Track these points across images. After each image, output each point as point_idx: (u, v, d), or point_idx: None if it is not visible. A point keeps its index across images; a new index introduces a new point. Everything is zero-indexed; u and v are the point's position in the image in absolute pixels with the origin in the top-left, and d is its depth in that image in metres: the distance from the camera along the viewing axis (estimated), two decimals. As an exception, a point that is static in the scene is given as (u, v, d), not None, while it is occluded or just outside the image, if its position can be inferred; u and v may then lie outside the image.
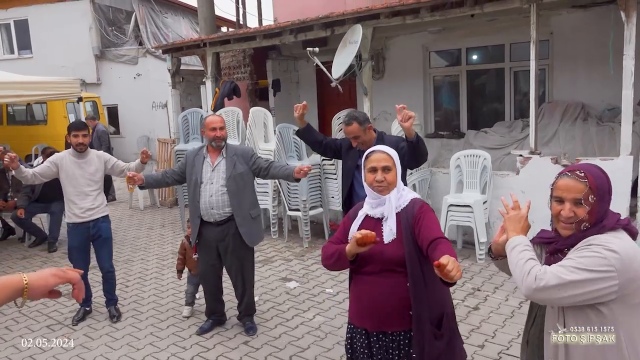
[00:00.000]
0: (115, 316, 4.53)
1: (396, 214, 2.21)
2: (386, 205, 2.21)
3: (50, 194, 6.48)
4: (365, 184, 2.30)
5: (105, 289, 4.62)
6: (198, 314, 4.54)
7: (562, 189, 1.76)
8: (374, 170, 2.24)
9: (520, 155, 5.76)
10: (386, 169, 2.23)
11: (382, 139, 3.64)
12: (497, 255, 1.92)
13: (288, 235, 6.78)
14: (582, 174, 1.72)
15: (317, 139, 4.05)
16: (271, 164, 4.04)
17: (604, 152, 6.06)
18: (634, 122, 5.00)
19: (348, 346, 2.38)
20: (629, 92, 4.90)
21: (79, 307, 4.56)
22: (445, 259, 1.77)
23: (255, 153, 4.12)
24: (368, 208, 2.29)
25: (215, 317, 4.27)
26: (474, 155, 5.99)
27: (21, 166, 4.21)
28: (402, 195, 2.26)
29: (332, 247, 2.34)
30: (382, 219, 2.25)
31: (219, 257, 4.06)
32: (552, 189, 1.81)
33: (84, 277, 4.46)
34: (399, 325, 2.18)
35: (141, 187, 4.14)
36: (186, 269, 4.60)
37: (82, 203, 4.33)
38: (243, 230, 3.94)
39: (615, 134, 6.08)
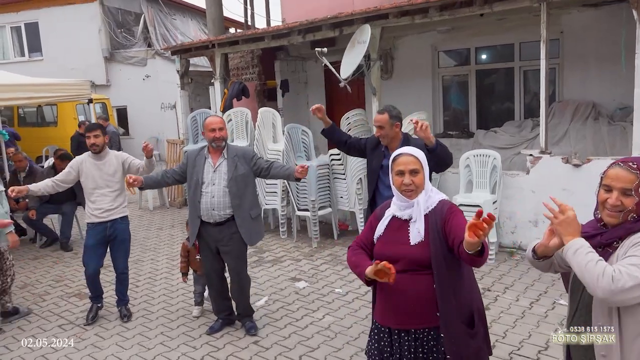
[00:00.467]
0: (126, 316, 4.55)
1: (426, 214, 2.21)
2: (414, 208, 2.22)
3: (61, 195, 6.46)
4: (393, 187, 2.29)
5: (118, 289, 4.64)
6: (208, 314, 4.55)
7: (612, 177, 1.77)
8: (401, 173, 2.23)
9: (531, 155, 5.73)
10: (414, 172, 2.22)
11: (408, 140, 3.61)
12: (542, 256, 1.91)
13: (297, 236, 6.78)
14: (635, 166, 1.73)
15: (341, 139, 4.04)
16: (272, 165, 4.05)
17: (616, 152, 6.00)
18: (645, 121, 4.95)
19: (373, 349, 2.33)
20: (641, 90, 4.86)
21: (91, 304, 4.59)
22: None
23: (256, 154, 4.15)
24: (395, 209, 2.29)
25: (224, 316, 4.29)
26: (483, 155, 5.96)
27: (31, 188, 4.23)
28: (430, 197, 2.26)
29: (356, 256, 2.34)
30: (409, 220, 2.25)
31: (220, 257, 4.10)
32: (602, 177, 1.83)
33: (94, 277, 4.49)
34: (424, 322, 2.18)
35: (141, 189, 4.24)
36: (191, 270, 4.62)
37: (100, 204, 4.36)
38: (243, 230, 3.96)
39: (627, 133, 6.03)
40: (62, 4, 15.93)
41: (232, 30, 16.88)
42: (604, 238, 1.79)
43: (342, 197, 6.60)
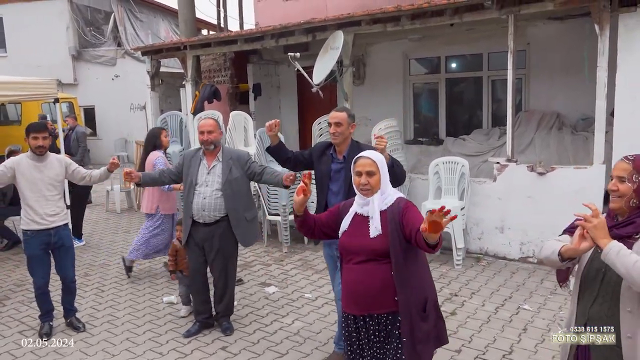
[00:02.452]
0: (78, 327, 4.32)
1: (383, 210, 2.45)
2: (370, 206, 2.46)
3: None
4: (354, 186, 2.52)
5: (66, 300, 4.37)
6: (175, 319, 4.49)
7: (614, 169, 2.07)
8: (359, 174, 2.47)
9: (498, 163, 5.86)
10: (370, 174, 2.45)
11: (358, 146, 3.51)
12: (568, 258, 2.01)
13: (267, 240, 6.76)
14: (631, 158, 2.03)
15: (286, 156, 3.80)
16: (264, 170, 4.09)
17: (578, 161, 6.20)
18: (606, 132, 5.13)
19: (346, 334, 2.56)
20: (602, 102, 5.04)
21: (41, 322, 4.29)
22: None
23: (251, 158, 4.17)
24: (357, 206, 2.53)
25: (202, 318, 4.27)
26: (452, 162, 6.07)
27: None
28: (388, 195, 2.49)
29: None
30: (369, 216, 2.47)
31: (205, 257, 4.11)
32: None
33: (45, 289, 4.24)
34: (383, 307, 2.40)
35: (138, 185, 4.24)
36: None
37: (42, 209, 4.08)
38: (238, 232, 4.04)
39: (588, 143, 6.23)
40: (28, 0, 15.52)
41: (204, 32, 16.75)
42: (624, 231, 1.98)
43: (312, 202, 6.55)
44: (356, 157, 2.54)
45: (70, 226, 4.39)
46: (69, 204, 5.88)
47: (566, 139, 6.72)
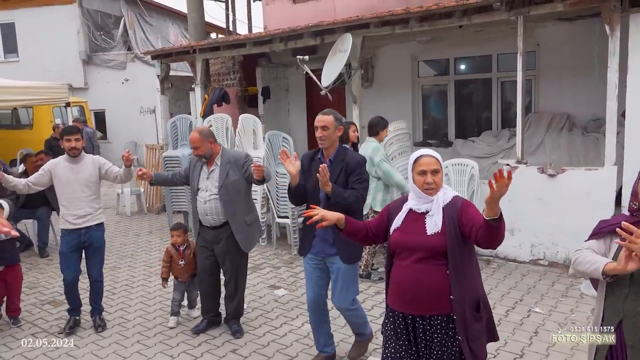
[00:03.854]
0: (100, 326, 4.44)
1: (442, 207, 2.41)
2: (434, 204, 2.42)
3: (35, 200, 6.40)
4: (412, 185, 2.47)
5: (92, 298, 4.52)
6: (185, 322, 4.51)
7: None
8: (424, 173, 2.41)
9: (507, 165, 5.82)
10: (435, 172, 2.41)
11: (345, 151, 3.43)
12: (613, 276, 2.00)
13: (277, 243, 6.77)
14: None
15: (302, 192, 3.45)
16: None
17: (589, 162, 6.15)
18: (617, 133, 5.09)
19: (389, 330, 2.54)
20: (613, 103, 5.00)
21: (69, 316, 4.47)
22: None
23: (249, 159, 4.09)
24: (413, 203, 2.48)
25: (210, 317, 4.32)
26: (461, 164, 6.04)
27: (7, 176, 4.14)
28: (445, 193, 2.46)
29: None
30: (425, 213, 2.44)
31: (215, 259, 4.16)
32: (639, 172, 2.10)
33: (73, 286, 4.40)
34: (437, 309, 2.37)
35: (151, 184, 4.43)
36: (172, 277, 4.57)
37: (74, 210, 4.24)
38: (239, 237, 4.05)
39: (599, 144, 6.19)
40: (40, 4, 15.68)
41: (213, 35, 16.82)
42: None
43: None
44: (416, 155, 2.47)
45: (104, 227, 4.51)
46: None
47: (577, 140, 6.67)
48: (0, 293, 4.42)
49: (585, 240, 2.21)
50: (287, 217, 6.46)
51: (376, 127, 5.17)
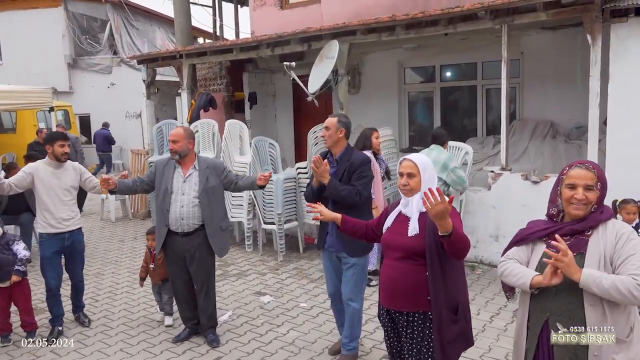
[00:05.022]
0: (84, 322, 4.56)
1: (423, 212, 2.51)
2: (409, 207, 2.60)
3: (16, 206, 6.31)
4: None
5: (74, 296, 4.64)
6: (170, 329, 4.46)
7: (575, 177, 2.12)
8: (401, 175, 2.63)
9: (492, 171, 5.89)
10: (410, 175, 2.59)
11: (351, 151, 3.68)
12: (538, 288, 2.10)
13: (262, 249, 6.75)
14: (591, 166, 2.13)
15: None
16: (238, 177, 4.20)
17: (572, 169, 6.22)
18: (599, 140, 5.17)
19: (382, 326, 2.74)
20: (595, 111, 5.08)
21: (52, 326, 4.40)
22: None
23: (227, 167, 4.20)
24: (401, 206, 2.67)
25: (191, 325, 4.27)
26: (456, 147, 6.09)
27: None
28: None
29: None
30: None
31: (187, 267, 4.09)
32: (562, 178, 2.18)
33: (57, 291, 4.37)
34: (415, 306, 2.51)
35: (112, 192, 4.20)
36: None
37: (58, 213, 4.29)
38: (213, 241, 4.02)
39: (582, 151, 6.27)
40: (24, 7, 15.55)
41: (200, 40, 16.78)
42: (579, 226, 2.11)
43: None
44: (401, 159, 2.68)
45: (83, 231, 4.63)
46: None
47: (560, 148, 6.76)
48: (5, 309, 4.27)
49: (506, 248, 2.35)
50: (273, 223, 6.44)
51: (443, 138, 5.43)
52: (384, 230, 2.70)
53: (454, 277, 2.54)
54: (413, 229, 2.53)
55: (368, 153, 5.17)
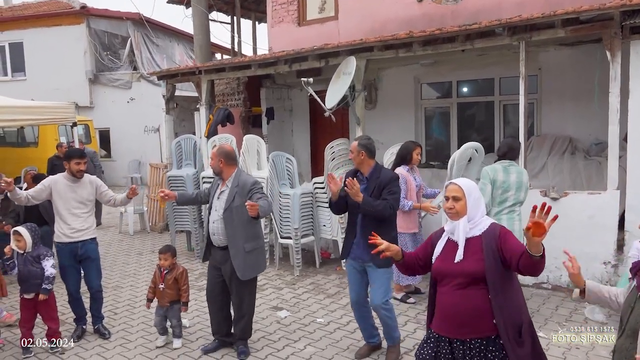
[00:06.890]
0: (104, 334, 4.66)
1: (478, 236, 2.56)
2: (455, 230, 2.61)
3: (36, 219, 6.40)
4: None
5: (93, 307, 4.74)
6: (187, 343, 4.48)
7: None
8: (447, 198, 2.66)
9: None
10: (455, 199, 2.62)
11: (379, 170, 3.94)
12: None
13: (279, 264, 6.76)
14: None
15: (345, 204, 3.93)
16: (259, 200, 3.92)
17: (592, 186, 6.16)
18: (620, 157, 5.12)
19: (426, 355, 2.62)
20: (615, 127, 5.04)
21: (76, 325, 4.69)
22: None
23: (255, 186, 4.03)
24: (448, 232, 2.68)
25: (220, 337, 4.32)
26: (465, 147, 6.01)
27: (16, 188, 4.36)
28: (480, 222, 2.61)
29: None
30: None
31: (223, 278, 4.17)
32: None
33: (77, 294, 4.62)
34: (478, 332, 2.49)
35: (178, 204, 4.56)
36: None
37: (72, 223, 4.51)
38: (236, 262, 4.01)
39: (602, 168, 6.21)
40: (48, 25, 15.95)
41: (218, 55, 17.02)
42: None
43: (324, 225, 6.63)
44: (448, 182, 2.74)
45: (97, 241, 4.82)
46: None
47: (579, 164, 6.69)
48: (29, 320, 4.32)
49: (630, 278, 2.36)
50: (289, 238, 6.46)
51: (518, 152, 4.96)
52: (433, 260, 2.67)
53: (514, 298, 2.54)
54: (459, 256, 2.53)
55: (403, 168, 5.24)
